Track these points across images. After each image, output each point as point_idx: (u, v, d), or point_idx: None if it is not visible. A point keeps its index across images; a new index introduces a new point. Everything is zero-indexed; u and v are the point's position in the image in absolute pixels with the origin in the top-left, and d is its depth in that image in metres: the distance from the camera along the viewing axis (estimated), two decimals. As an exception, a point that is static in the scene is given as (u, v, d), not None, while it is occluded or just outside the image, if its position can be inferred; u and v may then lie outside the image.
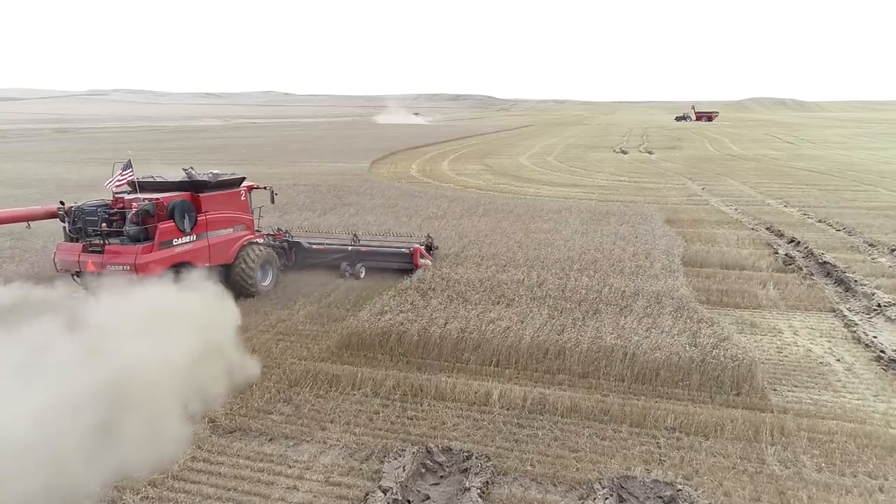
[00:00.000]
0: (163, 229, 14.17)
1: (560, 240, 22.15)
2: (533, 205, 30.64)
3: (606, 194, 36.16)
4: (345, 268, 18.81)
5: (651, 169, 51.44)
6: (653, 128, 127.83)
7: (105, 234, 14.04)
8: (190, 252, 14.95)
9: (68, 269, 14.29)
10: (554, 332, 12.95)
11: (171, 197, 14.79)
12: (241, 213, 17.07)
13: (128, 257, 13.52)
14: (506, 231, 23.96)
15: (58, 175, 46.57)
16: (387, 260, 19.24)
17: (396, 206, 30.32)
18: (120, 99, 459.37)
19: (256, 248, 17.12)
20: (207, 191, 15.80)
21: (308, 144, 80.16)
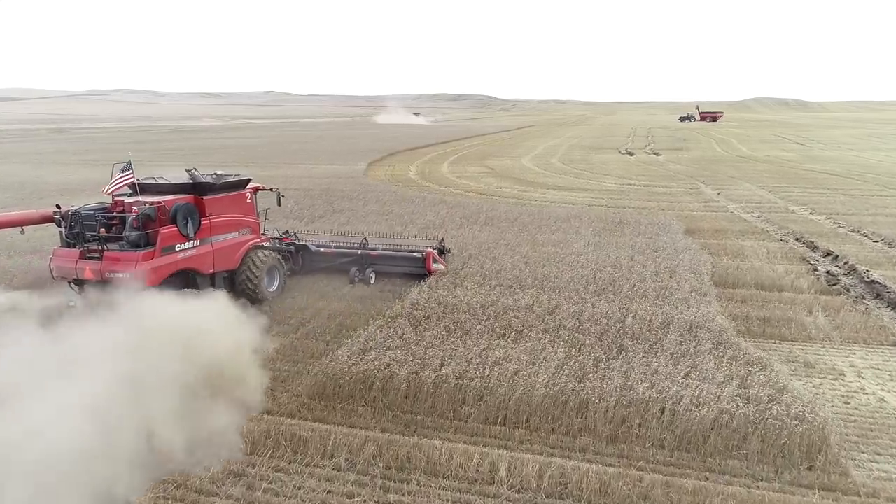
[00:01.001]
0: (165, 234, 13.37)
1: (571, 254, 19.82)
2: (539, 212, 28.30)
3: (616, 199, 33.82)
4: (354, 273, 17.75)
5: (660, 171, 49.11)
6: (657, 128, 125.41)
7: (103, 239, 13.27)
8: (193, 258, 14.19)
9: (65, 276, 13.50)
10: (573, 379, 10.63)
11: (173, 200, 13.97)
12: (246, 216, 16.24)
13: (128, 264, 12.74)
14: (510, 243, 21.63)
15: (41, 178, 44.40)
16: (398, 264, 18.21)
17: (391, 214, 28.03)
18: (120, 99, 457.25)
19: (262, 253, 16.30)
20: (211, 193, 14.96)
21: (305, 145, 77.89)
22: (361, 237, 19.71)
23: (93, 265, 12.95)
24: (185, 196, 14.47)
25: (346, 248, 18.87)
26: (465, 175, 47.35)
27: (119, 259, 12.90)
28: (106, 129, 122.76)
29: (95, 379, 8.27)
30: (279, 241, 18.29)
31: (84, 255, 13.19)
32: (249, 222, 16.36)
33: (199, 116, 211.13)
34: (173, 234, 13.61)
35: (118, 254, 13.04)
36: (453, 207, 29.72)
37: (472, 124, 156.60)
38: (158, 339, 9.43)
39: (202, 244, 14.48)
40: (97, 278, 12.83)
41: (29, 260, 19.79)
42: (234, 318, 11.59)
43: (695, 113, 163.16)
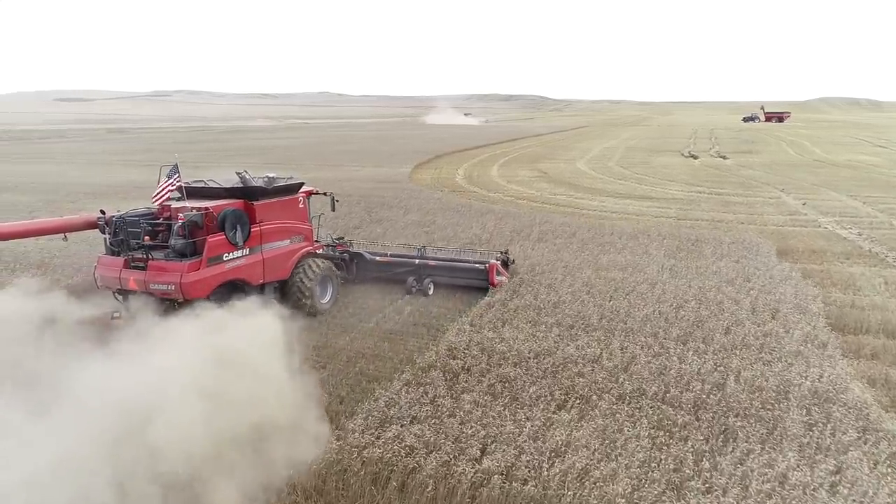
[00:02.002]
0: (212, 243, 12.51)
1: (643, 282, 16.56)
2: (600, 225, 24.96)
3: (687, 210, 30.10)
4: (411, 283, 16.73)
5: (730, 177, 44.74)
6: (719, 129, 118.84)
7: (148, 247, 12.50)
8: (242, 268, 13.35)
9: (109, 286, 12.86)
10: (668, 487, 7.55)
11: (221, 205, 13.12)
12: (299, 223, 15.34)
13: (172, 275, 12.01)
14: (569, 265, 18.48)
15: (78, 179, 43.69)
16: (458, 275, 17.11)
17: (433, 225, 25.25)
18: (181, 100, 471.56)
19: (316, 262, 15.28)
20: (263, 198, 14.05)
21: (351, 146, 76.17)
22: (419, 246, 18.72)
23: (137, 275, 12.24)
24: (235, 201, 13.56)
25: (403, 258, 17.80)
26: (515, 179, 44.23)
27: (163, 269, 12.14)
28: (160, 130, 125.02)
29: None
30: (333, 249, 17.20)
31: (128, 264, 12.45)
32: (302, 229, 15.38)
33: (254, 117, 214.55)
34: (221, 243, 12.70)
35: (163, 263, 12.27)
36: (502, 218, 26.73)
37: (523, 125, 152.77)
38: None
39: (251, 253, 13.56)
40: (142, 289, 12.15)
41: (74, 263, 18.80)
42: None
43: (759, 113, 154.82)
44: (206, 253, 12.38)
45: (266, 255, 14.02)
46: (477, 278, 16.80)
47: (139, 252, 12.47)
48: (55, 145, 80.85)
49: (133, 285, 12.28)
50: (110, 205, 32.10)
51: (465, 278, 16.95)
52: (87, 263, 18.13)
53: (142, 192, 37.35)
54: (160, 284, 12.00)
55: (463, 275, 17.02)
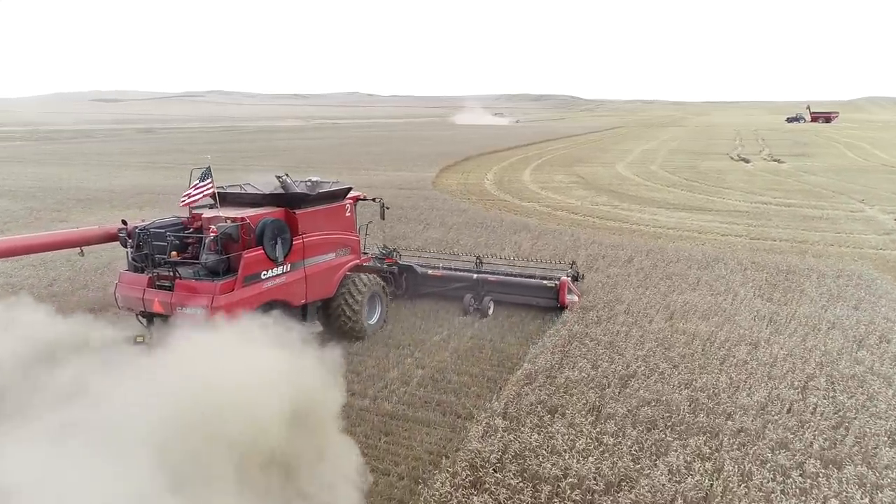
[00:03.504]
0: (248, 259, 10.89)
1: (740, 341, 12.17)
2: (660, 248, 20.50)
3: (758, 227, 25.42)
4: (469, 301, 14.92)
5: (794, 185, 39.62)
6: (763, 130, 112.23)
7: (175, 264, 10.90)
8: (282, 287, 11.58)
9: (132, 307, 11.39)
10: None
11: (259, 215, 11.40)
12: (345, 233, 13.49)
13: (202, 297, 10.44)
14: (632, 309, 14.15)
15: (77, 182, 40.72)
16: (524, 294, 15.27)
17: (456, 245, 21.17)
18: (212, 100, 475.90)
19: (364, 277, 13.43)
20: (306, 205, 12.31)
21: (374, 148, 72.51)
22: (475, 257, 16.92)
23: (163, 296, 10.65)
24: (274, 210, 11.81)
25: (459, 272, 16.03)
26: (550, 185, 39.86)
27: (192, 290, 10.49)
28: (187, 130, 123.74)
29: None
30: (381, 261, 15.34)
31: (153, 282, 10.86)
32: (349, 240, 13.55)
33: (282, 117, 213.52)
34: (259, 259, 11.01)
35: (192, 283, 10.60)
36: (539, 237, 22.49)
37: (555, 125, 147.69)
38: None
39: (293, 269, 11.77)
40: (168, 312, 10.54)
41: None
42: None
43: (805, 113, 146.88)
44: (241, 271, 10.68)
45: (309, 272, 12.18)
46: (545, 297, 14.89)
47: (165, 269, 10.78)
48: (79, 146, 79.11)
49: (158, 308, 10.68)
50: (99, 214, 29.32)
51: (531, 297, 15.08)
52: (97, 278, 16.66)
53: (142, 198, 34.29)
54: (188, 307, 10.30)
55: (528, 293, 15.15)
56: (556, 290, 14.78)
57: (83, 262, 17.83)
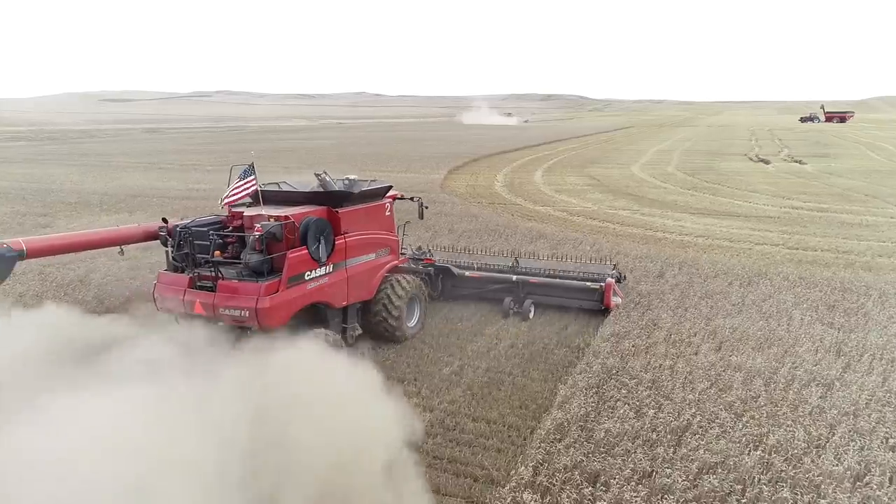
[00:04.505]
0: (293, 259, 10.32)
1: (809, 379, 10.18)
2: (693, 260, 18.51)
3: (794, 234, 23.40)
4: (508, 304, 14.52)
5: (822, 188, 37.48)
6: (778, 130, 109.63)
7: (218, 263, 10.34)
8: (325, 289, 11.12)
9: (171, 309, 10.70)
10: None
11: (302, 213, 10.95)
12: (385, 233, 13.17)
13: (247, 299, 9.80)
14: (672, 336, 12.17)
15: (66, 185, 39.09)
16: (566, 295, 14.73)
17: (466, 255, 19.27)
18: (221, 100, 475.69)
19: (404, 279, 13.07)
20: (348, 204, 12.01)
21: (381, 148, 70.73)
22: (512, 257, 16.23)
23: (204, 297, 10.22)
24: (316, 208, 11.44)
25: (497, 273, 15.40)
26: (564, 188, 37.92)
27: (236, 291, 10.08)
28: (191, 130, 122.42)
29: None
30: (418, 262, 14.80)
31: (194, 283, 10.48)
32: (388, 240, 13.19)
33: (289, 117, 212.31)
34: (303, 259, 10.63)
35: (235, 283, 10.17)
36: (558, 246, 20.57)
37: (564, 125, 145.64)
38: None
39: (335, 270, 11.43)
40: (209, 314, 10.13)
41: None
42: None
43: (819, 113, 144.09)
44: (286, 271, 10.22)
45: (350, 272, 11.80)
46: (589, 299, 14.36)
47: (208, 269, 10.37)
48: (81, 146, 77.78)
49: (199, 309, 10.19)
50: (85, 219, 27.60)
51: (574, 299, 14.53)
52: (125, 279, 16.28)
53: (134, 201, 32.34)
54: (231, 309, 9.92)
55: (571, 295, 14.58)
56: (600, 292, 14.16)
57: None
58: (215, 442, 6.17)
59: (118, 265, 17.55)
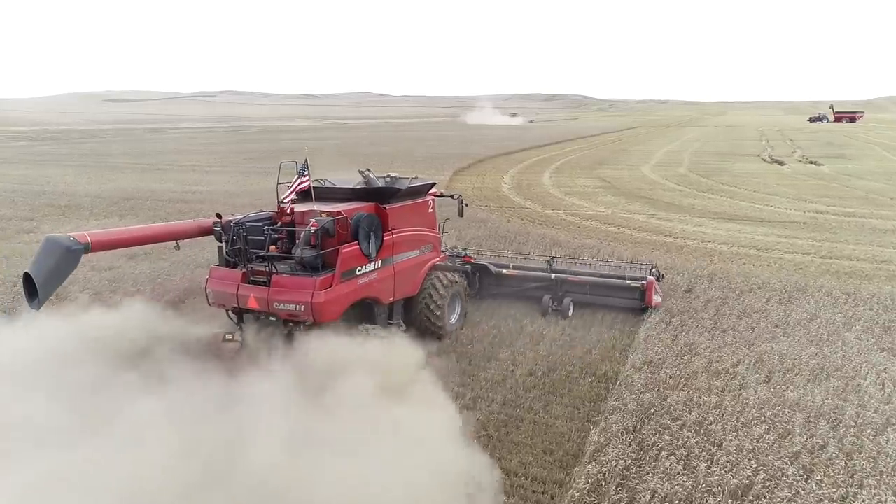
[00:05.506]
0: (346, 254, 10.45)
1: (885, 424, 8.72)
2: (723, 272, 17.00)
3: (824, 241, 21.90)
4: (547, 302, 14.42)
5: (843, 190, 35.92)
6: (789, 130, 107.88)
7: (273, 258, 10.40)
8: (374, 284, 11.18)
9: (224, 303, 10.80)
10: None
11: (353, 209, 11.01)
12: (428, 230, 13.20)
13: (302, 293, 9.94)
14: (714, 364, 10.70)
15: (59, 186, 37.77)
16: (606, 294, 14.63)
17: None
18: (225, 100, 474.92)
19: (446, 276, 13.02)
20: (395, 201, 11.91)
21: (383, 148, 69.31)
22: (549, 256, 16.39)
23: (258, 292, 10.16)
24: (365, 204, 11.52)
25: (535, 271, 15.39)
26: (574, 191, 36.45)
27: (291, 285, 10.04)
28: (193, 130, 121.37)
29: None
30: (456, 260, 14.87)
31: (247, 277, 10.40)
32: (431, 237, 13.35)
33: (293, 117, 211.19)
34: (355, 254, 10.66)
35: (290, 278, 10.16)
36: (573, 254, 19.08)
37: (569, 125, 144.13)
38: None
39: (383, 266, 11.51)
40: (263, 309, 10.15)
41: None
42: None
43: (828, 113, 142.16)
44: (339, 266, 10.35)
45: (397, 268, 11.91)
46: (629, 298, 14.23)
47: (262, 264, 10.45)
48: (81, 146, 76.54)
49: (253, 304, 10.31)
50: (72, 224, 26.20)
51: (614, 298, 14.41)
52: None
53: (127, 204, 30.83)
54: (286, 304, 10.05)
55: (611, 293, 14.46)
56: (641, 290, 13.92)
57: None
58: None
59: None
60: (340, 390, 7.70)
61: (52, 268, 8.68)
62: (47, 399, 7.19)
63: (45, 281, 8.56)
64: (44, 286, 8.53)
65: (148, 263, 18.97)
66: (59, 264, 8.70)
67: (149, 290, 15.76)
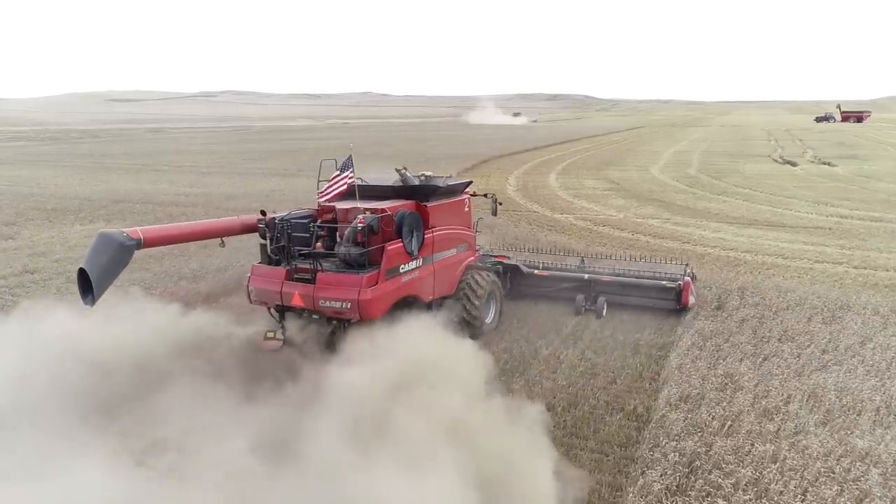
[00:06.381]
0: (391, 252, 10.41)
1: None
2: (753, 286, 15.50)
3: (855, 249, 20.45)
4: (581, 302, 14.15)
5: (864, 193, 34.44)
6: (796, 130, 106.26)
7: (319, 255, 10.39)
8: (415, 282, 11.15)
9: (266, 300, 10.81)
10: None
11: (395, 206, 10.98)
12: (464, 229, 13.08)
13: (348, 290, 9.90)
14: (760, 401, 9.24)
15: (49, 188, 36.44)
16: (640, 295, 14.23)
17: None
18: (227, 100, 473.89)
19: (482, 275, 12.84)
20: (434, 199, 11.90)
21: (385, 149, 67.92)
22: (579, 257, 16.33)
23: (303, 289, 10.14)
24: (406, 202, 11.37)
25: (568, 271, 15.29)
26: (582, 193, 35.06)
27: (337, 283, 10.03)
28: (194, 130, 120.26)
29: None
30: (489, 259, 14.86)
31: (291, 275, 10.31)
32: (467, 236, 13.19)
33: (295, 117, 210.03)
34: (399, 252, 10.57)
35: (335, 275, 10.16)
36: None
37: (572, 125, 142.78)
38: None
39: (424, 264, 11.38)
40: (308, 306, 10.14)
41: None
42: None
43: (835, 113, 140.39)
44: (384, 263, 10.22)
45: (436, 267, 11.90)
46: (665, 298, 14.01)
47: (306, 261, 10.38)
48: (78, 147, 75.38)
49: (298, 301, 10.20)
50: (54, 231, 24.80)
51: (649, 298, 14.19)
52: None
53: (115, 207, 29.19)
54: (332, 301, 9.89)
55: (646, 294, 14.25)
56: (678, 290, 13.68)
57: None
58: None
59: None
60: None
61: (106, 264, 8.65)
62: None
63: (99, 277, 8.49)
64: (99, 282, 8.45)
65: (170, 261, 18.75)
66: (112, 260, 8.69)
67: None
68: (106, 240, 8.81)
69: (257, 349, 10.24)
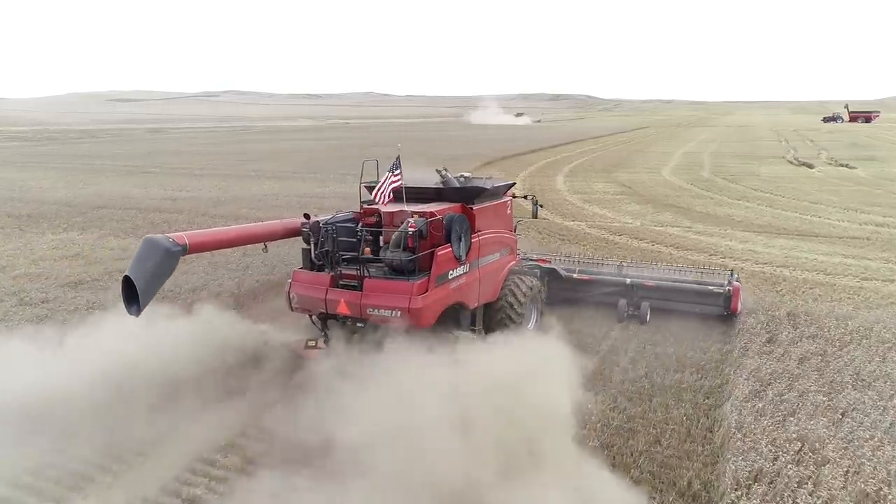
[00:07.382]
0: (441, 257, 9.95)
1: None
2: (805, 312, 13.44)
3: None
4: (623, 307, 13.70)
5: (893, 197, 32.40)
6: (806, 130, 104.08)
7: (367, 261, 10.14)
8: (463, 288, 10.58)
9: (309, 308, 10.41)
10: None
11: (443, 210, 10.55)
12: (507, 232, 12.54)
13: (398, 298, 9.45)
14: (856, 480, 7.24)
15: (32, 192, 34.54)
16: (686, 300, 13.70)
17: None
18: (228, 100, 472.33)
19: (525, 280, 12.25)
20: (479, 201, 11.33)
21: (385, 150, 65.83)
22: (618, 261, 15.63)
23: (350, 297, 9.69)
24: (452, 205, 10.86)
25: (608, 276, 14.48)
26: (592, 197, 33.07)
27: (386, 290, 9.57)
28: (194, 130, 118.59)
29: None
30: (534, 263, 14.31)
31: (336, 281, 9.86)
32: (510, 239, 12.52)
33: (295, 117, 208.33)
34: (448, 257, 10.06)
35: (384, 282, 9.70)
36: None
37: (576, 125, 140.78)
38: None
39: (471, 269, 10.77)
40: (355, 314, 9.69)
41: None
42: None
43: (843, 113, 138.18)
44: (434, 269, 9.72)
45: (482, 272, 11.12)
46: (712, 304, 13.47)
47: (352, 267, 9.95)
48: (74, 147, 73.50)
49: (344, 309, 9.73)
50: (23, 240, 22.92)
51: (695, 304, 13.71)
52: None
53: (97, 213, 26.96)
54: (381, 309, 9.44)
55: (691, 299, 13.77)
56: (727, 296, 13.09)
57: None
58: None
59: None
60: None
61: (152, 271, 8.34)
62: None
63: (146, 285, 8.20)
64: (145, 290, 8.17)
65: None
66: (158, 267, 8.40)
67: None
68: (151, 246, 8.48)
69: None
